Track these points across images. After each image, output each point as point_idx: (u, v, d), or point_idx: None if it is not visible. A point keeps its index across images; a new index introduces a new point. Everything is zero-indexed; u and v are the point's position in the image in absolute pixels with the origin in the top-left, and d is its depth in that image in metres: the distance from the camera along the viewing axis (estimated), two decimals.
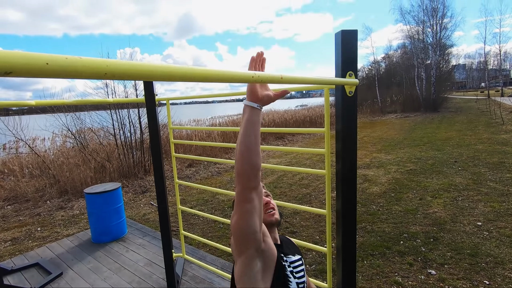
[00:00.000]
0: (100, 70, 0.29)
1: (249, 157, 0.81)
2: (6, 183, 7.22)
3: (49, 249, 3.44)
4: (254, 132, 0.82)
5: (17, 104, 1.32)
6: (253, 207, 0.84)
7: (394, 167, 7.03)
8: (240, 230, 0.87)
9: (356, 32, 1.13)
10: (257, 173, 0.83)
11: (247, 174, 0.82)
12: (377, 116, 21.57)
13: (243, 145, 0.82)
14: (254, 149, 0.82)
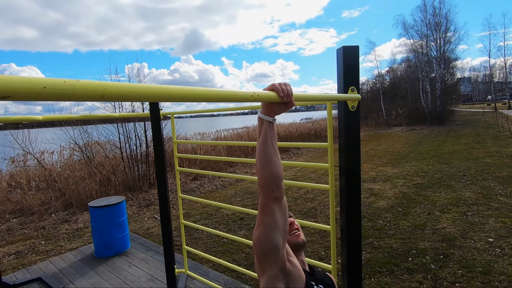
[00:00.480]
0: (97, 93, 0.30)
1: (270, 167, 0.81)
2: (13, 196, 7.28)
3: (52, 263, 3.42)
4: (272, 143, 0.82)
5: (25, 119, 1.35)
6: (274, 221, 0.82)
7: (401, 181, 6.92)
8: (261, 244, 0.82)
9: (357, 48, 1.15)
10: (279, 183, 0.82)
11: (269, 184, 0.82)
12: (382, 129, 21.48)
13: (262, 156, 0.82)
14: (274, 159, 0.82)
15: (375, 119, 24.46)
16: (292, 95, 0.80)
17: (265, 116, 0.83)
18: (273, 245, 0.81)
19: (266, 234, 0.81)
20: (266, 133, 0.83)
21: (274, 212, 0.82)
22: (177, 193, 2.26)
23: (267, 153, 0.82)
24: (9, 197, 7.25)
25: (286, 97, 0.77)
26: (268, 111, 0.83)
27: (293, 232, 1.05)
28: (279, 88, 0.76)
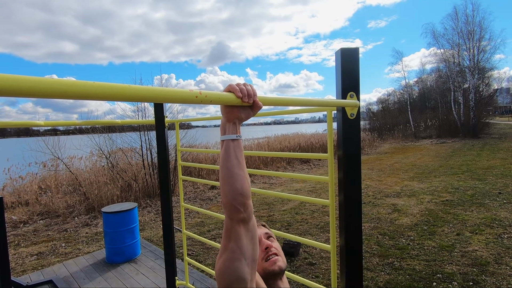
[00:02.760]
0: None
1: (232, 182, 0.70)
2: (42, 199, 7.68)
3: (65, 266, 3.50)
4: (236, 155, 0.72)
5: (28, 124, 1.38)
6: (240, 247, 0.69)
7: (428, 196, 6.47)
8: (224, 275, 0.70)
9: (357, 50, 1.05)
10: (245, 201, 0.70)
11: (232, 203, 0.70)
12: (410, 141, 20.51)
13: (225, 170, 0.71)
14: (238, 172, 0.71)
15: (402, 130, 23.43)
16: (256, 95, 0.69)
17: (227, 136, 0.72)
18: (238, 276, 0.69)
19: (230, 263, 0.69)
20: (228, 145, 0.72)
21: (240, 237, 0.70)
22: (180, 202, 2.22)
23: (229, 166, 0.71)
24: (39, 199, 7.66)
25: (247, 97, 0.66)
26: (230, 117, 0.72)
27: (269, 258, 0.91)
28: (237, 88, 0.66)
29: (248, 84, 0.68)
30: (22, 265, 4.31)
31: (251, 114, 0.74)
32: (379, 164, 11.52)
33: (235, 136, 0.72)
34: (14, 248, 5.07)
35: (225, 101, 0.57)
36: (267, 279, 0.88)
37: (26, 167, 9.02)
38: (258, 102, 0.70)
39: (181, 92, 0.45)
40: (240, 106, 0.70)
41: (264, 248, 0.92)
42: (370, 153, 15.60)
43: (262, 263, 0.90)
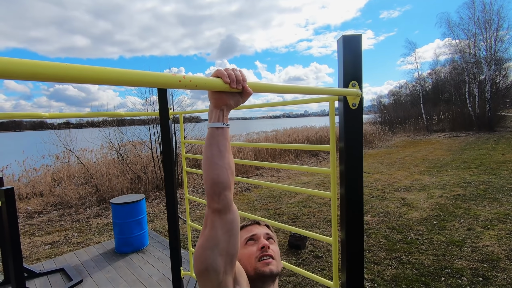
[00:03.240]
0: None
1: (210, 171, 0.69)
2: (56, 190, 7.89)
3: (76, 255, 3.60)
4: (217, 143, 0.70)
5: (32, 115, 1.40)
6: (212, 237, 0.68)
7: (439, 191, 6.34)
8: (196, 261, 0.70)
9: (359, 37, 1.01)
10: (221, 191, 0.68)
11: (209, 191, 0.69)
12: (421, 134, 20.08)
13: (205, 159, 0.70)
14: (217, 162, 0.69)
15: (414, 124, 22.92)
16: (245, 81, 0.66)
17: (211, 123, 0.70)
18: (208, 266, 0.68)
19: (202, 251, 0.69)
20: (212, 134, 0.70)
21: (214, 226, 0.69)
22: (185, 193, 2.23)
23: (209, 155, 0.70)
24: (53, 190, 7.88)
25: (235, 83, 0.63)
26: (217, 103, 0.70)
27: (262, 259, 0.86)
28: (225, 73, 0.62)
29: (237, 69, 0.66)
30: (36, 253, 4.46)
31: (241, 101, 0.71)
32: (389, 158, 11.34)
33: (220, 124, 0.70)
34: (29, 237, 5.24)
35: (212, 87, 0.55)
36: (256, 280, 0.84)
37: (40, 159, 9.28)
38: (247, 88, 0.67)
39: (163, 76, 0.43)
40: (228, 92, 0.68)
41: (260, 247, 0.89)
42: (380, 146, 15.36)
43: (255, 262, 0.86)
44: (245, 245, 0.92)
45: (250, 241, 0.92)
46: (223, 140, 0.70)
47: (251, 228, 0.97)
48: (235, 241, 0.71)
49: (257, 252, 0.87)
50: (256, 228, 0.96)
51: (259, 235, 0.93)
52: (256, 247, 0.89)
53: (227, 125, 0.71)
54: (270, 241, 0.93)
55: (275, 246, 0.93)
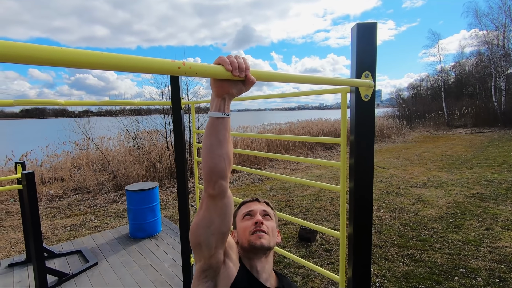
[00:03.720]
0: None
1: (207, 159, 0.72)
2: (76, 175, 8.20)
3: (93, 239, 3.75)
4: (216, 133, 0.71)
5: (49, 102, 1.44)
6: (206, 218, 0.74)
7: (457, 188, 6.13)
8: (191, 236, 0.78)
9: (375, 25, 0.96)
10: (217, 180, 0.72)
11: (205, 177, 0.73)
12: (441, 130, 19.38)
13: (203, 145, 0.73)
14: (214, 151, 0.71)
15: (434, 118, 22.11)
16: (248, 69, 0.64)
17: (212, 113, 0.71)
18: (201, 241, 0.75)
19: (196, 228, 0.76)
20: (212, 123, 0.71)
21: (208, 209, 0.74)
22: (195, 182, 2.26)
23: (208, 144, 0.72)
24: (73, 176, 8.20)
25: (238, 71, 0.62)
26: (219, 92, 0.69)
27: (255, 233, 0.92)
28: (227, 61, 0.61)
29: (240, 57, 0.64)
30: (56, 235, 4.68)
31: (244, 89, 0.70)
32: (406, 153, 11.04)
33: (221, 114, 0.70)
34: (51, 219, 5.50)
35: (213, 74, 0.53)
36: (249, 251, 0.90)
37: (61, 146, 9.64)
38: (250, 77, 0.65)
39: (161, 62, 0.42)
40: (231, 80, 0.66)
41: (254, 222, 0.94)
42: (398, 141, 14.96)
43: (249, 235, 0.92)
44: (243, 219, 0.99)
45: (247, 216, 0.99)
46: (223, 130, 0.71)
47: (250, 204, 1.03)
48: (227, 222, 0.77)
49: (251, 227, 0.93)
50: (255, 205, 1.02)
51: (256, 211, 0.99)
52: (251, 222, 0.96)
53: (228, 115, 0.71)
54: (266, 218, 0.99)
55: (271, 223, 0.98)
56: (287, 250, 3.80)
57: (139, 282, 2.72)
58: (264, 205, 1.04)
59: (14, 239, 4.52)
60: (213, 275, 0.80)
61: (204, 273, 0.80)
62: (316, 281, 3.10)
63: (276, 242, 0.97)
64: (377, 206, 5.32)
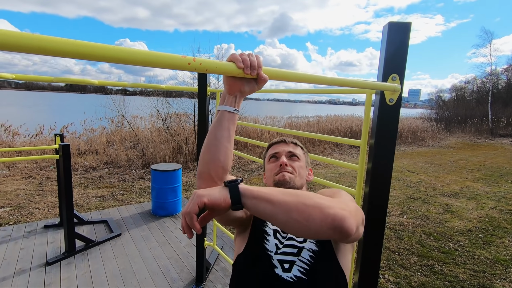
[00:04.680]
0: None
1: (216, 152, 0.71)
2: (109, 150, 8.72)
3: (119, 211, 4.00)
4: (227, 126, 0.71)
5: (83, 81, 1.53)
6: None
7: (492, 202, 5.71)
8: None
9: (408, 25, 0.90)
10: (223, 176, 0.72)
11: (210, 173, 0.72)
12: (483, 137, 17.97)
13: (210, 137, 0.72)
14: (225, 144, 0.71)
15: (476, 124, 20.53)
16: (261, 67, 0.62)
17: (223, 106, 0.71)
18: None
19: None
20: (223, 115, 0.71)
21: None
22: None
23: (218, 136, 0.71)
24: (106, 150, 8.72)
25: (250, 69, 0.60)
26: (231, 89, 0.69)
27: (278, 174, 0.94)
28: (239, 58, 0.60)
29: (253, 55, 0.63)
30: (88, 203, 5.06)
31: (256, 88, 0.69)
32: (440, 159, 10.42)
33: (232, 109, 0.70)
34: (84, 189, 5.93)
35: (224, 71, 0.53)
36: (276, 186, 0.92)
37: (98, 121, 10.26)
38: (262, 75, 0.64)
39: (171, 57, 0.43)
40: (244, 78, 0.66)
41: (279, 165, 0.95)
42: (432, 145, 14.13)
43: (273, 176, 0.94)
44: (269, 161, 1.01)
45: (272, 158, 1.00)
46: (232, 124, 0.72)
47: (276, 146, 1.03)
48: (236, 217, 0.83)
49: (275, 168, 0.95)
50: (281, 146, 1.02)
51: (281, 153, 0.99)
52: (276, 164, 0.97)
53: (237, 111, 0.72)
54: (293, 159, 0.98)
55: (299, 163, 0.97)
56: None
57: (156, 257, 2.88)
58: (292, 145, 1.02)
59: (52, 203, 4.95)
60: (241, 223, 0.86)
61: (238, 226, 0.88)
62: None
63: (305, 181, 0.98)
64: (400, 211, 5.12)
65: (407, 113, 30.16)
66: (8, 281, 2.43)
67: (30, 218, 4.21)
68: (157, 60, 0.41)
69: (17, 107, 32.10)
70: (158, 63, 0.41)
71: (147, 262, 2.79)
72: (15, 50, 0.33)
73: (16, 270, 2.59)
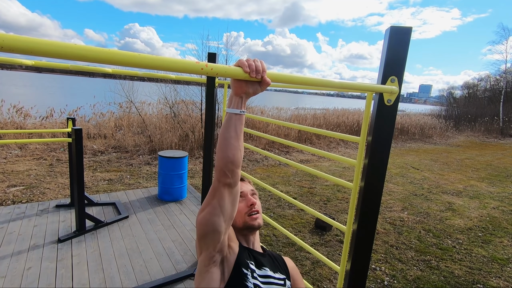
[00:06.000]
0: None
1: (226, 150, 0.79)
2: (117, 135, 8.88)
3: (126, 194, 4.14)
4: (235, 127, 0.79)
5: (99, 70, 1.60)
6: (221, 206, 0.81)
7: (495, 202, 5.72)
8: (203, 226, 0.83)
9: (409, 30, 0.94)
10: (234, 169, 0.80)
11: (223, 168, 0.80)
12: (493, 137, 17.70)
13: (222, 139, 0.80)
14: (233, 143, 0.79)
15: (486, 123, 20.19)
16: (265, 71, 0.71)
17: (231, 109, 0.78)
18: (214, 229, 0.81)
19: (210, 217, 0.81)
20: (230, 117, 0.79)
21: (223, 198, 0.81)
22: None
23: (227, 136, 0.79)
24: (114, 135, 8.88)
25: (255, 73, 0.68)
26: (237, 91, 0.77)
27: (252, 214, 0.99)
28: (245, 63, 0.68)
29: (258, 60, 0.71)
30: (96, 186, 5.23)
31: (259, 90, 0.77)
32: (446, 157, 10.36)
33: (239, 111, 0.78)
34: (92, 171, 6.10)
35: (232, 75, 0.60)
36: (244, 229, 0.99)
37: (107, 106, 10.40)
38: (266, 78, 0.72)
39: (187, 63, 0.49)
40: (248, 81, 0.74)
41: (249, 204, 1.01)
42: (439, 143, 14.01)
43: (245, 217, 0.99)
44: None
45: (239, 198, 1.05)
46: (239, 124, 0.80)
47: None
48: (235, 207, 0.85)
49: (246, 208, 1.01)
50: (244, 186, 1.07)
51: (246, 192, 1.04)
52: (245, 203, 1.02)
53: (244, 112, 0.80)
54: (255, 197, 1.05)
55: (258, 201, 1.06)
56: (301, 235, 3.91)
57: (161, 239, 3.02)
58: (250, 184, 1.10)
59: (62, 183, 5.13)
60: (221, 259, 0.87)
61: (211, 259, 0.85)
62: (324, 269, 3.19)
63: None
64: (401, 207, 5.17)
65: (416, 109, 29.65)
66: (23, 255, 2.59)
67: (41, 198, 4.39)
68: (175, 66, 0.48)
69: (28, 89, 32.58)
70: (176, 68, 0.48)
71: (152, 243, 2.92)
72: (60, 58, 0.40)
73: (30, 245, 2.75)
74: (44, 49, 0.38)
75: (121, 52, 0.44)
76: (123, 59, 0.44)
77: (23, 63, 1.49)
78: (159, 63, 0.47)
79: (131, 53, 0.44)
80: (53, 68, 1.67)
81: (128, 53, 0.44)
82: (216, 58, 2.19)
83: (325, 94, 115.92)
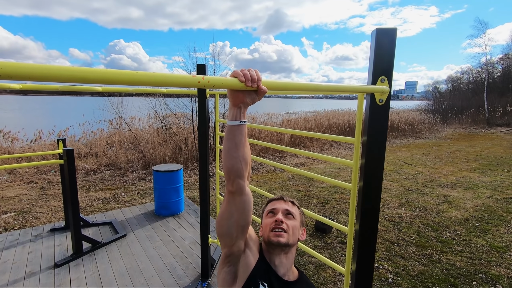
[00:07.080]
0: None
1: (227, 160, 0.82)
2: (108, 152, 8.76)
3: (122, 212, 4.07)
4: (234, 138, 0.81)
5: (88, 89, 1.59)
6: (228, 211, 0.85)
7: (488, 191, 5.83)
8: (217, 226, 0.90)
9: (394, 31, 0.97)
10: (234, 178, 0.82)
11: (226, 177, 0.83)
12: (480, 128, 18.13)
13: (223, 149, 0.84)
14: (232, 153, 0.81)
15: (472, 115, 20.68)
16: (260, 80, 0.72)
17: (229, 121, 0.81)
18: (224, 232, 0.87)
19: (220, 219, 0.87)
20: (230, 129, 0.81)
21: (229, 204, 0.85)
22: (216, 169, 2.38)
23: (226, 148, 0.82)
24: (106, 152, 8.76)
25: (250, 82, 0.70)
26: (235, 101, 0.78)
27: (274, 230, 0.97)
28: (240, 73, 0.69)
29: (252, 70, 0.72)
30: (91, 206, 5.12)
31: (257, 98, 0.79)
32: (437, 151, 10.54)
33: (237, 122, 0.80)
34: (86, 191, 5.99)
35: (228, 85, 0.61)
36: (269, 246, 0.98)
37: (97, 123, 10.28)
38: (262, 86, 0.74)
39: (184, 77, 0.50)
40: (245, 91, 0.75)
41: (274, 221, 1.00)
42: (429, 137, 14.26)
43: (268, 232, 0.99)
44: (266, 216, 1.06)
45: (270, 214, 1.06)
46: (239, 135, 0.81)
47: (275, 202, 1.09)
48: (246, 216, 0.86)
49: (272, 224, 1.00)
50: (279, 203, 1.07)
51: (278, 210, 1.04)
52: (272, 219, 1.02)
53: (244, 122, 0.81)
54: (288, 217, 1.03)
55: (293, 222, 1.02)
56: None
57: (161, 256, 2.96)
58: (289, 204, 1.08)
59: (55, 206, 5.01)
60: (235, 261, 0.91)
61: (227, 258, 0.92)
62: (328, 271, 3.17)
63: (296, 240, 1.01)
64: (398, 203, 5.22)
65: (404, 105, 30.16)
66: (19, 283, 2.51)
67: (34, 223, 4.27)
68: (173, 81, 0.48)
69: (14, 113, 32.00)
70: (173, 83, 0.48)
71: (153, 260, 2.87)
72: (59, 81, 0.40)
73: (26, 272, 2.66)
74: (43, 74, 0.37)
75: (120, 72, 0.44)
76: (122, 78, 0.44)
77: (10, 87, 1.47)
78: (158, 80, 0.48)
79: (130, 72, 0.44)
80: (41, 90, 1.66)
81: (126, 72, 0.44)
82: (206, 70, 2.21)
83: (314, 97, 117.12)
